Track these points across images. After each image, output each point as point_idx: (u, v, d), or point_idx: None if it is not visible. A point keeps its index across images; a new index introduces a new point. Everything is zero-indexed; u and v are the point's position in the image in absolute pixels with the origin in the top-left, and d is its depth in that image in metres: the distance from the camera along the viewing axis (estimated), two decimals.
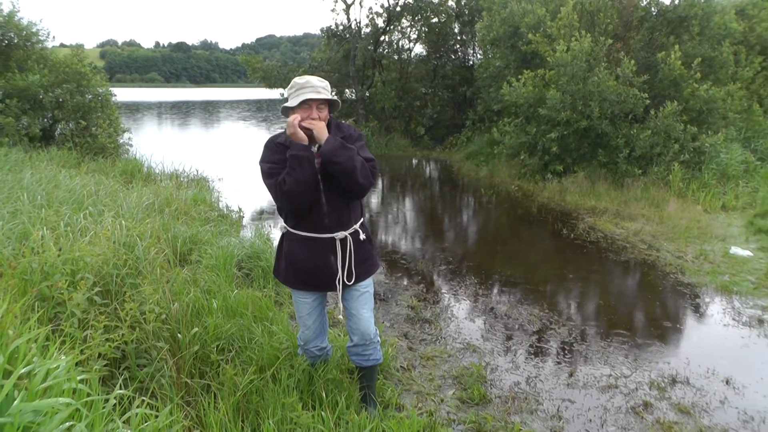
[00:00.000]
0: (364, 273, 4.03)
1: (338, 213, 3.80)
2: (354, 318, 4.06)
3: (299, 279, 3.98)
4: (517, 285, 7.70)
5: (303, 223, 3.83)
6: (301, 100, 3.62)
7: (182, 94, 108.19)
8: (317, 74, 21.77)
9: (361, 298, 4.06)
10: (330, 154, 3.53)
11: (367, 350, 4.15)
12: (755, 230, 9.94)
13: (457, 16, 24.61)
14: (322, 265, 3.86)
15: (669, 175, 12.61)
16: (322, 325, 4.26)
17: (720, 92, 13.87)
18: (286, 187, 3.54)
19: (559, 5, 16.13)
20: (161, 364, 4.07)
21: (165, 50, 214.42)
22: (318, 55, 27.42)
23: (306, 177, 3.55)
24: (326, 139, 3.57)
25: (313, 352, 4.31)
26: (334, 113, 3.94)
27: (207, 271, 6.24)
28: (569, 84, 13.65)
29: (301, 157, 3.54)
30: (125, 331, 3.94)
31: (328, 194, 3.73)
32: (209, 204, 10.79)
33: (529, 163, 14.74)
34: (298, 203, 3.67)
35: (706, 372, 5.32)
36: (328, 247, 3.84)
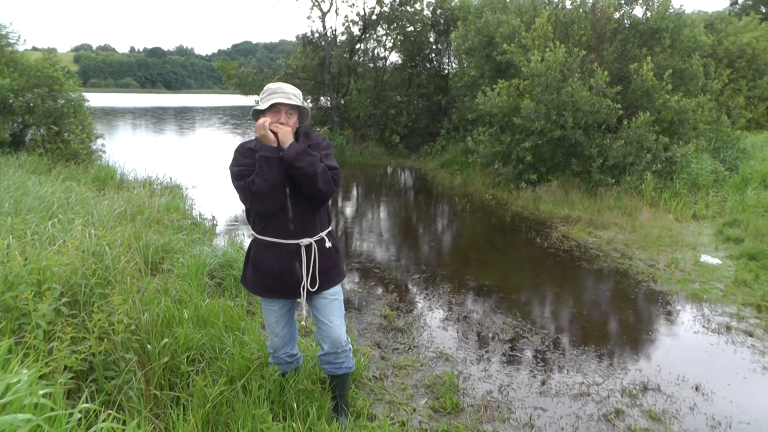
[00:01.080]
0: (329, 281, 4.01)
1: (304, 219, 3.82)
2: (324, 326, 4.04)
3: (265, 285, 3.97)
4: (490, 293, 7.71)
5: (269, 229, 3.84)
6: (271, 104, 3.68)
7: (157, 99, 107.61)
8: (292, 81, 21.77)
9: (330, 305, 4.04)
10: (292, 159, 3.57)
11: (338, 358, 4.13)
12: (724, 239, 10.06)
13: (432, 26, 24.72)
14: (287, 272, 3.86)
15: (641, 184, 12.73)
16: (291, 333, 4.24)
17: (690, 103, 14.07)
18: (254, 187, 3.58)
19: (534, 16, 16.27)
20: (130, 376, 4.00)
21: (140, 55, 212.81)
22: (293, 62, 27.33)
23: (274, 178, 3.60)
24: (290, 143, 3.62)
25: (283, 359, 4.29)
26: (304, 123, 3.98)
27: (178, 281, 6.17)
28: (543, 94, 13.75)
29: (269, 159, 3.59)
30: (93, 343, 3.87)
31: (294, 200, 3.76)
32: (182, 212, 10.68)
33: (504, 172, 14.79)
34: (266, 205, 3.70)
35: (677, 379, 5.38)
36: (292, 254, 3.84)
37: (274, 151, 3.61)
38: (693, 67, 15.46)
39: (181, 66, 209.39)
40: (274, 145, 3.61)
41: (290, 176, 3.65)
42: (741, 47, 24.74)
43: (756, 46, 25.08)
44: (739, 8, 47.74)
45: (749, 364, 5.73)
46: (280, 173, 3.62)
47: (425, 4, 24.40)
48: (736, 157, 15.17)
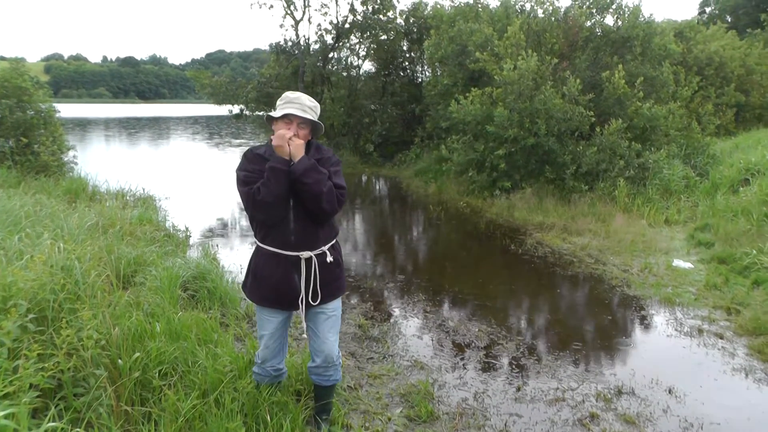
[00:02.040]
0: (329, 295, 3.99)
1: (305, 232, 3.79)
2: (319, 340, 4.03)
3: (264, 295, 3.93)
4: (465, 301, 7.71)
5: (270, 238, 3.81)
6: (284, 113, 3.66)
7: (131, 110, 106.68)
8: (265, 91, 21.69)
9: (328, 321, 4.03)
10: (301, 174, 3.55)
11: (328, 371, 4.14)
12: (696, 243, 10.18)
13: (405, 34, 24.77)
14: (285, 283, 3.82)
15: (615, 190, 12.83)
16: (282, 346, 4.22)
17: (662, 110, 14.23)
18: (259, 197, 3.55)
19: (506, 25, 16.39)
20: (99, 392, 3.92)
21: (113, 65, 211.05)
22: (267, 71, 27.26)
23: (280, 191, 3.57)
24: (300, 158, 3.59)
25: (269, 372, 4.24)
26: (316, 135, 3.95)
27: (151, 293, 6.08)
28: (516, 102, 13.82)
29: (278, 170, 3.55)
30: (61, 359, 3.79)
31: (297, 212, 3.74)
32: (155, 223, 10.53)
33: (478, 180, 14.83)
34: (267, 215, 3.68)
35: (651, 382, 5.43)
36: (292, 265, 3.81)
37: (284, 163, 3.58)
38: (663, 75, 15.66)
39: (154, 76, 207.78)
40: (286, 157, 3.59)
41: (295, 190, 3.63)
42: (709, 55, 25.08)
43: (723, 54, 25.45)
44: (707, 17, 48.56)
45: (720, 366, 5.81)
46: (287, 186, 3.60)
47: (398, 13, 24.47)
48: (706, 163, 15.34)
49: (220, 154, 29.12)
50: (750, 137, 19.95)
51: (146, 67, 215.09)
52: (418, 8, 24.51)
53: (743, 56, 26.55)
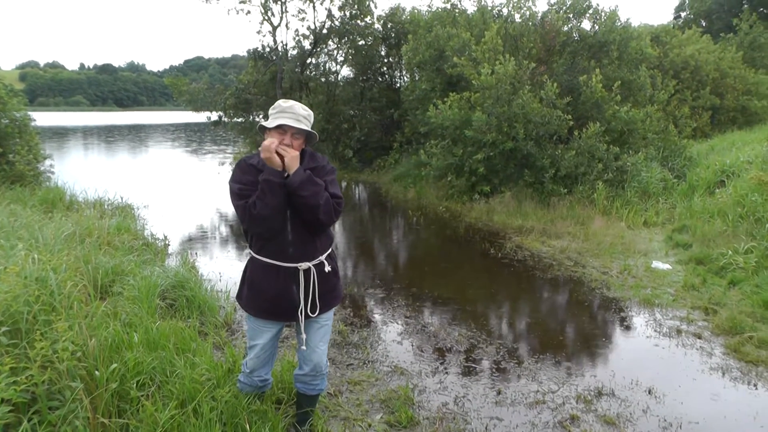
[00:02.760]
0: (327, 305, 3.96)
1: (303, 243, 3.73)
2: (309, 350, 4.01)
3: (260, 307, 3.87)
4: (445, 305, 7.70)
5: (267, 250, 3.75)
6: (278, 124, 3.57)
7: (109, 117, 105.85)
8: (243, 97, 21.60)
9: (320, 330, 4.01)
10: (297, 187, 3.48)
11: (315, 380, 4.12)
12: (674, 244, 10.26)
13: (383, 39, 24.80)
14: (284, 295, 3.77)
15: (593, 193, 12.90)
16: (272, 356, 4.18)
17: (639, 114, 14.35)
18: (255, 211, 3.48)
19: (484, 30, 16.45)
20: (75, 405, 3.84)
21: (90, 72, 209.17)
22: (245, 77, 27.16)
23: (276, 203, 3.50)
24: (296, 170, 3.52)
25: (255, 382, 4.21)
26: (311, 144, 3.87)
27: (129, 303, 6.02)
28: (494, 106, 13.86)
29: (273, 183, 3.47)
30: (35, 372, 3.70)
31: (294, 224, 3.68)
32: (133, 232, 10.42)
33: (457, 184, 14.86)
34: (265, 228, 3.61)
35: (630, 383, 5.47)
36: (290, 277, 3.76)
37: (278, 175, 3.50)
38: (640, 79, 15.80)
39: (132, 83, 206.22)
40: (279, 168, 3.50)
41: (291, 201, 3.57)
42: (685, 59, 25.34)
43: (698, 57, 25.73)
44: (682, 21, 49.08)
45: (698, 366, 5.88)
46: (283, 198, 3.53)
47: (376, 18, 24.53)
48: (683, 165, 15.48)
49: (199, 161, 28.95)
50: (725, 139, 20.17)
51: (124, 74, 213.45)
52: (395, 13, 24.57)
53: (717, 60, 26.85)
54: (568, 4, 16.25)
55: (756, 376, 5.64)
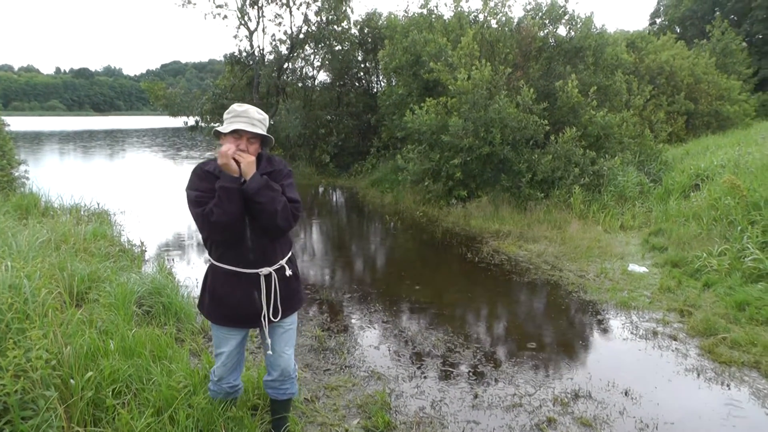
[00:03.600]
0: (289, 309, 3.92)
1: (263, 248, 3.69)
2: (275, 355, 3.97)
3: (222, 314, 3.82)
4: (422, 310, 7.70)
5: (227, 257, 3.70)
6: (233, 129, 3.51)
7: (85, 122, 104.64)
8: (220, 102, 21.49)
9: (285, 335, 3.98)
10: (254, 193, 3.44)
11: (284, 384, 4.10)
12: (650, 247, 10.34)
13: (360, 44, 24.84)
14: (246, 301, 3.73)
15: (570, 197, 12.98)
16: (239, 363, 4.13)
17: (615, 118, 14.46)
18: (213, 218, 3.43)
19: (460, 35, 16.51)
20: (49, 414, 3.78)
21: (66, 76, 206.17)
22: (222, 82, 27.03)
23: (234, 210, 3.45)
24: (252, 175, 3.48)
25: (224, 389, 4.16)
26: (267, 148, 3.84)
27: (105, 310, 5.96)
28: (471, 111, 13.90)
29: (230, 189, 3.42)
30: (7, 382, 3.63)
31: (254, 229, 3.63)
32: (110, 239, 10.29)
33: (434, 189, 14.88)
34: (225, 235, 3.57)
35: (607, 385, 5.51)
36: (251, 283, 3.72)
37: (235, 181, 3.45)
38: (616, 84, 15.93)
39: (109, 87, 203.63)
40: (235, 174, 3.45)
41: (249, 207, 3.53)
42: (660, 65, 25.65)
43: (673, 63, 26.07)
44: (657, 28, 49.72)
45: (674, 367, 5.94)
46: (241, 204, 3.48)
47: (352, 23, 24.55)
48: (659, 169, 15.62)
49: (176, 166, 28.76)
50: (699, 143, 20.43)
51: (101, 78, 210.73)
52: (372, 18, 24.61)
53: (692, 65, 27.22)
54: (544, 10, 16.34)
55: (729, 376, 5.70)
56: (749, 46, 40.44)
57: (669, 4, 53.02)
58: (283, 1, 23.41)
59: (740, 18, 45.14)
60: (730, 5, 45.75)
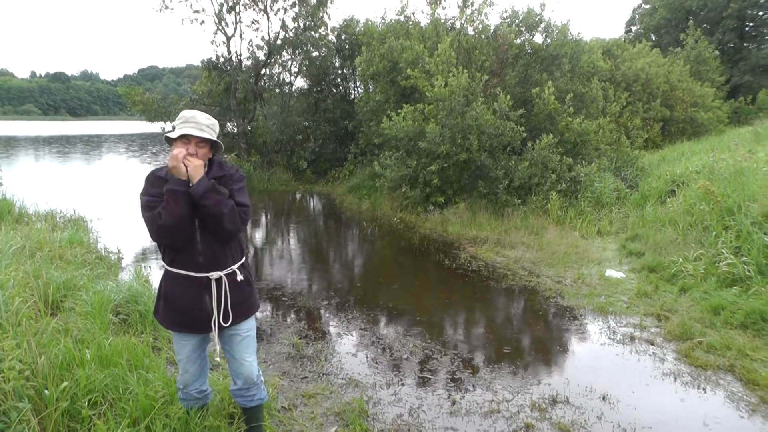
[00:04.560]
0: (241, 315, 3.92)
1: (213, 252, 3.71)
2: (237, 363, 3.97)
3: (176, 320, 3.82)
4: (400, 317, 7.67)
5: (178, 261, 3.71)
6: (182, 134, 3.57)
7: (61, 127, 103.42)
8: (198, 107, 21.35)
9: (243, 342, 3.97)
10: (199, 196, 3.48)
11: (250, 391, 4.08)
12: (627, 253, 10.40)
13: (337, 51, 24.79)
14: (197, 306, 3.73)
15: (547, 203, 13.03)
16: (201, 368, 4.10)
17: (592, 125, 14.55)
18: (161, 221, 3.46)
19: (437, 42, 16.52)
20: (22, 426, 3.71)
21: (42, 80, 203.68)
22: (199, 87, 26.85)
23: (181, 212, 3.48)
24: (199, 179, 3.52)
25: (192, 395, 4.13)
26: (217, 154, 3.88)
27: (81, 319, 5.88)
28: (448, 118, 13.92)
29: (177, 192, 3.47)
30: None
31: (204, 233, 3.66)
32: (86, 245, 10.16)
33: (411, 196, 14.87)
34: (173, 238, 3.58)
35: (585, 390, 5.52)
36: (202, 287, 3.73)
37: (182, 184, 3.49)
38: (593, 91, 16.05)
39: (86, 92, 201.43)
40: (184, 177, 3.50)
41: (197, 210, 3.55)
42: (636, 72, 25.89)
43: (649, 71, 26.32)
44: (632, 35, 50.31)
45: (651, 371, 5.97)
46: (188, 207, 3.51)
47: (330, 29, 24.50)
48: (635, 175, 15.74)
49: None
50: (675, 150, 20.61)
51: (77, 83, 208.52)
52: (349, 25, 24.59)
53: (667, 73, 27.51)
54: (520, 17, 16.42)
55: (705, 380, 5.74)
56: (721, 54, 41.02)
57: (644, 12, 53.64)
58: (261, 7, 23.30)
59: (712, 27, 45.83)
60: (702, 14, 46.41)
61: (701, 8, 46.53)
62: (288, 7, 23.38)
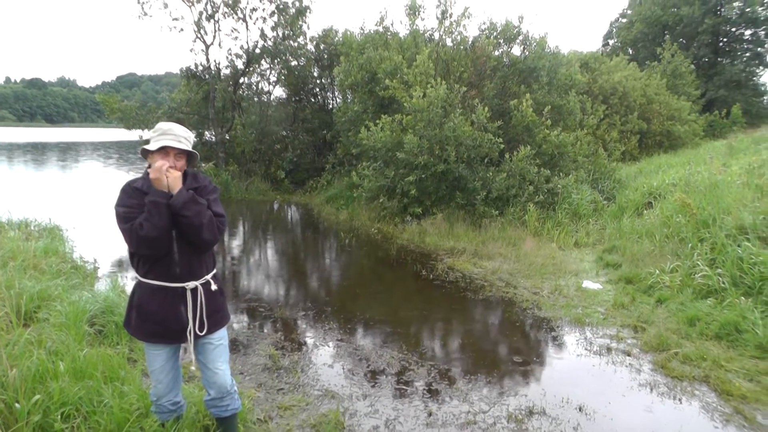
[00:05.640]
0: (215, 324, 3.95)
1: (190, 262, 3.75)
2: (210, 372, 3.97)
3: (149, 330, 3.81)
4: (377, 328, 7.63)
5: (153, 272, 3.72)
6: (160, 146, 3.63)
7: (37, 134, 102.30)
8: (176, 116, 21.26)
9: (215, 351, 3.97)
10: (180, 207, 3.54)
11: (224, 401, 4.07)
12: (604, 264, 10.45)
13: (316, 60, 24.81)
14: (172, 316, 3.75)
15: (525, 215, 13.06)
16: (175, 379, 4.08)
17: (569, 137, 14.65)
18: (143, 232, 3.48)
19: (415, 53, 16.58)
20: None
21: (17, 86, 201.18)
22: (177, 96, 26.75)
23: (163, 223, 3.53)
24: (179, 190, 3.58)
25: (166, 407, 4.10)
26: (192, 165, 3.92)
27: (55, 330, 5.80)
28: (426, 129, 13.94)
29: (160, 204, 3.51)
30: None
31: (181, 243, 3.68)
32: (62, 255, 10.01)
33: (389, 206, 14.85)
34: (153, 249, 3.60)
35: (561, 401, 5.51)
36: (178, 297, 3.75)
37: (164, 196, 3.54)
38: (570, 104, 16.15)
39: (63, 98, 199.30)
40: (165, 189, 3.55)
41: (176, 221, 3.58)
42: (613, 85, 26.14)
43: (626, 84, 26.59)
44: (610, 49, 50.88)
45: (627, 382, 5.98)
46: (169, 219, 3.56)
47: (309, 39, 24.53)
48: (613, 187, 15.86)
49: None
50: (652, 162, 20.82)
51: (54, 89, 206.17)
52: (328, 35, 24.61)
53: (644, 86, 27.82)
54: (498, 29, 16.52)
55: (681, 390, 5.76)
56: (697, 68, 41.59)
57: (621, 26, 54.34)
58: (240, 16, 23.26)
59: (688, 42, 46.55)
60: (678, 29, 47.09)
61: (677, 23, 47.25)
62: (267, 16, 23.40)
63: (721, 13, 46.58)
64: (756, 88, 48.10)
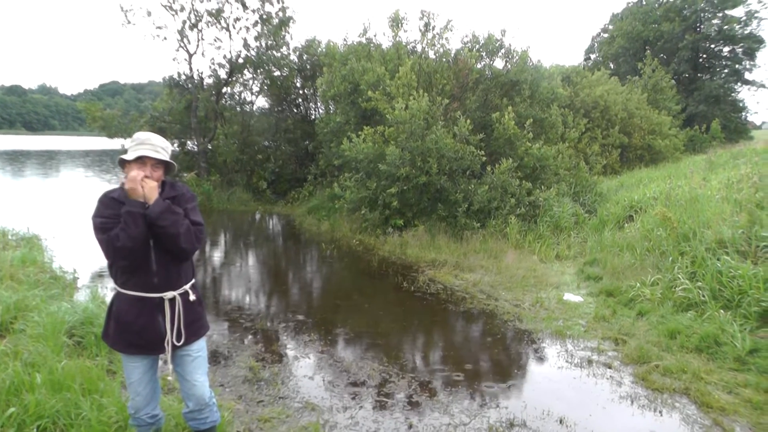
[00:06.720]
0: (194, 335, 3.92)
1: (167, 272, 3.74)
2: (188, 384, 3.94)
3: (127, 341, 3.78)
4: (358, 339, 7.60)
5: (132, 282, 3.71)
6: (138, 156, 3.63)
7: (17, 142, 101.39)
8: (158, 125, 21.14)
9: (194, 363, 3.94)
10: (156, 217, 3.54)
11: (203, 413, 4.04)
12: (585, 277, 10.47)
13: (299, 71, 24.81)
14: (150, 326, 3.72)
15: (506, 227, 13.10)
16: (153, 392, 4.04)
17: (551, 151, 14.72)
18: (119, 243, 3.49)
19: (398, 65, 16.63)
20: None
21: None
22: (160, 104, 26.57)
23: (139, 233, 3.52)
24: (155, 200, 3.58)
25: (144, 420, 4.05)
26: (169, 174, 3.93)
27: (32, 341, 5.73)
28: (408, 141, 13.96)
29: (135, 214, 3.52)
30: None
31: (158, 253, 3.68)
32: (40, 265, 9.90)
33: (370, 218, 14.83)
34: (130, 260, 3.60)
35: (542, 413, 5.50)
36: (156, 307, 3.74)
37: (140, 206, 3.54)
38: (552, 117, 16.26)
39: (44, 106, 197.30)
40: (141, 199, 3.56)
41: (153, 231, 3.57)
42: (595, 99, 26.34)
43: (608, 98, 26.79)
44: (591, 63, 51.39)
45: (608, 395, 5.99)
46: (145, 229, 3.56)
47: (292, 49, 24.52)
48: (594, 201, 15.95)
49: None
50: (633, 176, 20.97)
51: (35, 96, 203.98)
52: (311, 45, 24.66)
53: (625, 101, 28.06)
54: (481, 42, 16.60)
55: (661, 403, 5.78)
56: (677, 83, 42.07)
57: (603, 41, 54.90)
58: (223, 25, 23.21)
59: (669, 57, 47.13)
60: (659, 45, 47.68)
61: (658, 39, 47.84)
62: (250, 26, 23.36)
63: (700, 29, 47.28)
64: (734, 104, 48.86)
